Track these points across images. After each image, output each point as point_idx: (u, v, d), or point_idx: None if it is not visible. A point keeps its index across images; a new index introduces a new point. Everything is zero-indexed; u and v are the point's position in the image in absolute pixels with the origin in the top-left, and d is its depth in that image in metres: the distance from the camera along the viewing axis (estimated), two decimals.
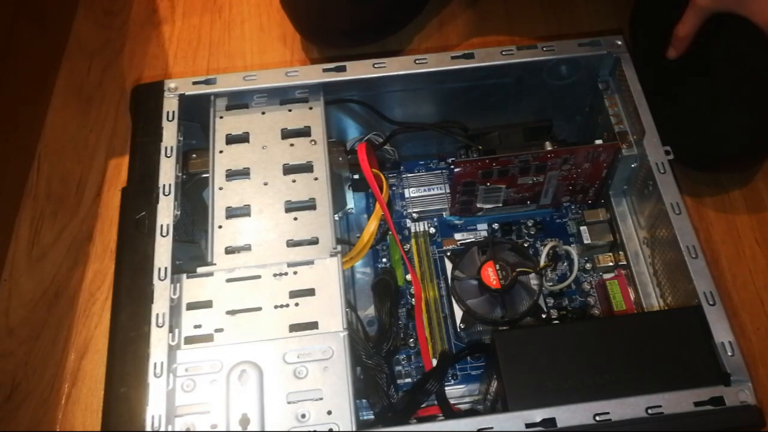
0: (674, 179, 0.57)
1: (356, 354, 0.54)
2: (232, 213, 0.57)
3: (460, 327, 0.62)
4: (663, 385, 0.47)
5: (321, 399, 0.48)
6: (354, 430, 0.47)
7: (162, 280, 0.52)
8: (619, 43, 0.63)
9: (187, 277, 0.53)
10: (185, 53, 1.00)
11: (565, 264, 0.68)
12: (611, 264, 0.65)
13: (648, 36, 0.79)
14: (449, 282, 0.64)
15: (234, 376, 0.49)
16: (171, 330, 0.50)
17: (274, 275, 0.53)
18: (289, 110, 0.62)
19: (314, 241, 0.55)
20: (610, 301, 0.64)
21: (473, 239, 0.69)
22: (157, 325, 0.50)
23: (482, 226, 0.70)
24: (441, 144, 0.73)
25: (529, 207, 0.69)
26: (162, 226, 0.54)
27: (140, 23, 1.03)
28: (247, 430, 0.47)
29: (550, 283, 0.66)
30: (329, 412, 0.48)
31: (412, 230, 0.69)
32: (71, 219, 0.86)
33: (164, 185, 0.56)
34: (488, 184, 0.64)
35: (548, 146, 0.64)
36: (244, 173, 0.58)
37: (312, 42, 0.92)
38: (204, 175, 0.59)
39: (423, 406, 0.56)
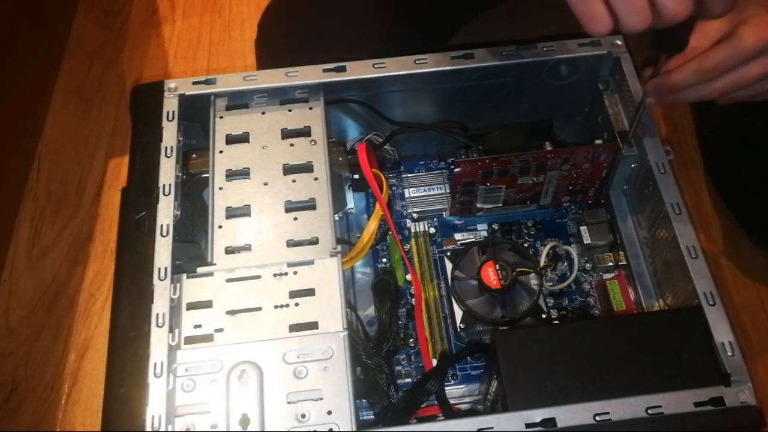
0: (674, 179, 0.57)
1: (356, 354, 0.54)
2: (232, 213, 0.57)
3: (460, 327, 0.62)
4: (663, 385, 0.47)
5: (321, 399, 0.48)
6: (354, 430, 0.47)
7: (162, 280, 0.52)
8: (619, 43, 0.63)
9: (187, 277, 0.53)
10: (185, 53, 1.00)
11: (565, 264, 0.67)
12: (611, 264, 0.65)
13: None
14: (449, 282, 0.64)
15: (234, 376, 0.49)
16: (171, 330, 0.50)
17: (274, 275, 0.53)
18: (289, 110, 0.62)
19: (314, 241, 0.55)
20: (610, 301, 0.64)
21: (473, 239, 0.69)
22: (157, 325, 0.50)
23: (482, 226, 0.70)
24: (441, 144, 0.73)
25: (529, 207, 0.69)
26: (162, 226, 0.54)
27: (140, 23, 1.03)
28: (247, 430, 0.47)
29: (550, 283, 0.66)
30: (329, 412, 0.48)
31: (412, 230, 0.69)
32: (71, 219, 0.87)
33: (164, 185, 0.56)
34: (488, 184, 0.64)
35: (548, 146, 0.64)
36: (244, 173, 0.58)
37: None
38: (204, 175, 0.59)
39: (423, 406, 0.56)
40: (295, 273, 0.53)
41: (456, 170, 0.62)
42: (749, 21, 0.50)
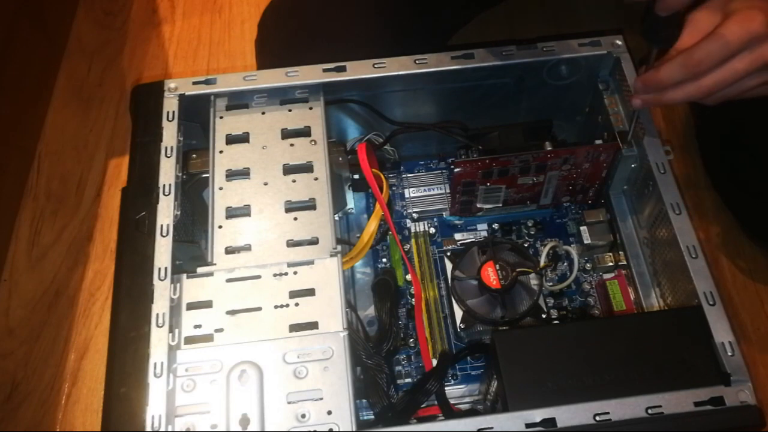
0: (674, 179, 0.57)
1: (356, 354, 0.54)
2: (232, 213, 0.57)
3: (460, 327, 0.62)
4: (663, 385, 0.47)
5: (321, 399, 0.48)
6: (354, 430, 0.47)
7: (162, 280, 0.52)
8: (619, 43, 0.63)
9: (187, 277, 0.53)
10: (185, 53, 1.00)
11: (565, 264, 0.67)
12: (611, 264, 0.65)
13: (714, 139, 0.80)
14: (449, 282, 0.64)
15: (234, 376, 0.49)
16: (171, 330, 0.50)
17: (274, 275, 0.53)
18: (289, 110, 0.62)
19: (314, 241, 0.55)
20: (610, 301, 0.64)
21: (473, 239, 0.69)
22: (157, 325, 0.50)
23: (482, 226, 0.70)
24: (441, 144, 0.73)
25: (529, 207, 0.69)
26: (162, 226, 0.54)
27: (140, 23, 1.03)
28: (247, 430, 0.47)
29: (550, 283, 0.66)
30: (329, 412, 0.48)
31: (412, 230, 0.69)
32: (71, 219, 0.87)
33: (164, 185, 0.56)
34: (488, 184, 0.64)
35: (548, 146, 0.64)
36: (244, 173, 0.58)
37: None
38: (204, 175, 0.59)
39: (423, 406, 0.56)
40: (295, 273, 0.53)
41: (456, 170, 0.62)
42: (733, 14, 0.50)
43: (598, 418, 0.46)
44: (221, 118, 0.61)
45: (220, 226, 0.56)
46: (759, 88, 0.53)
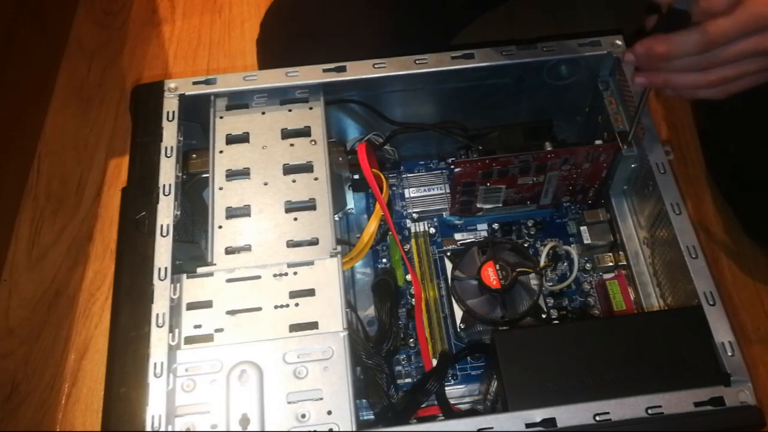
0: (674, 179, 0.57)
1: (356, 354, 0.54)
2: (232, 213, 0.57)
3: (460, 327, 0.62)
4: (663, 385, 0.47)
5: (321, 399, 0.48)
6: (354, 430, 0.47)
7: (162, 280, 0.52)
8: (619, 43, 0.63)
9: (187, 277, 0.53)
10: (185, 53, 1.00)
11: (565, 264, 0.67)
12: (611, 264, 0.65)
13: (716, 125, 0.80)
14: (449, 282, 0.64)
15: (234, 376, 0.49)
16: (171, 330, 0.50)
17: (274, 275, 0.53)
18: (289, 110, 0.62)
19: (314, 242, 0.55)
20: (610, 301, 0.64)
21: (473, 239, 0.69)
22: (157, 325, 0.50)
23: (482, 226, 0.70)
24: (441, 144, 0.73)
25: (529, 207, 0.69)
26: (162, 226, 0.54)
27: (140, 23, 1.03)
28: (247, 430, 0.47)
29: (550, 283, 0.66)
30: (329, 412, 0.48)
31: (412, 230, 0.69)
32: (71, 219, 0.87)
33: (164, 185, 0.56)
34: (488, 184, 0.64)
35: (548, 146, 0.64)
36: (244, 173, 0.58)
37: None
38: (204, 175, 0.59)
39: (423, 406, 0.56)
40: (295, 273, 0.53)
41: (456, 170, 0.62)
42: None
43: (598, 418, 0.46)
44: (221, 118, 0.61)
45: (220, 226, 0.56)
46: (756, 74, 0.51)
